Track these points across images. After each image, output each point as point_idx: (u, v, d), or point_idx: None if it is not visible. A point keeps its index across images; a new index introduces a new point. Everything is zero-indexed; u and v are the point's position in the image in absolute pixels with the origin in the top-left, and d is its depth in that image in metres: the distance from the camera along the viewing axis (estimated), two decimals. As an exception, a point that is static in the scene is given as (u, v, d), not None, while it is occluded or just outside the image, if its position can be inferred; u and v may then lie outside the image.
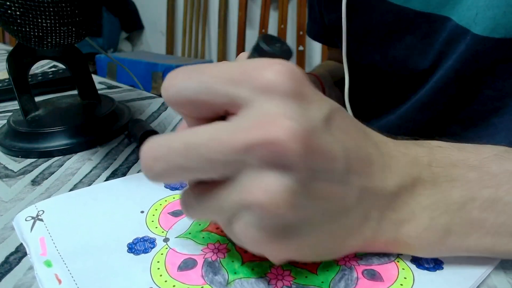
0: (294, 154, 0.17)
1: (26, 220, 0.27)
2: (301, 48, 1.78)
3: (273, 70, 0.18)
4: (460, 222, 0.22)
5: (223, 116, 0.19)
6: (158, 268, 0.23)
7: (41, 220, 0.27)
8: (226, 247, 0.25)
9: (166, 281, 0.23)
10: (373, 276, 0.23)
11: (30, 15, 0.32)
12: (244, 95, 0.18)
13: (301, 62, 1.76)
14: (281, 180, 0.17)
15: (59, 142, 0.39)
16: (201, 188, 0.20)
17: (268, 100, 0.18)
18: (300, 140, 0.17)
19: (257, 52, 0.20)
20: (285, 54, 0.20)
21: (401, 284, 0.22)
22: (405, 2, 0.39)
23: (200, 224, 0.27)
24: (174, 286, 0.22)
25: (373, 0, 0.41)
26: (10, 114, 0.45)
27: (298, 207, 0.18)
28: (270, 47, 0.20)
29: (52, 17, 0.32)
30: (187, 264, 0.24)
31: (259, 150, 0.17)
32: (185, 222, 0.27)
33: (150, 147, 0.19)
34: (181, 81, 0.19)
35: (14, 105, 0.52)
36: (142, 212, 0.28)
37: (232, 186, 0.18)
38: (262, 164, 0.17)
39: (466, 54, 0.36)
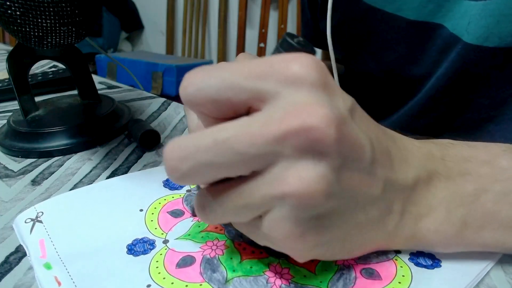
0: (330, 139, 0.17)
1: (25, 222, 0.27)
2: (301, 48, 1.78)
3: (299, 62, 0.18)
4: (475, 214, 0.23)
5: (244, 115, 0.19)
6: (157, 267, 0.24)
7: (41, 222, 0.27)
8: (224, 244, 0.25)
9: (164, 278, 0.23)
10: (371, 274, 0.23)
11: (30, 15, 0.32)
12: (271, 88, 0.18)
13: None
14: (317, 168, 0.17)
15: (59, 142, 0.39)
16: (219, 188, 0.19)
17: (297, 90, 0.18)
18: (334, 126, 0.17)
19: (283, 47, 0.20)
20: (309, 48, 0.20)
21: (399, 282, 0.22)
22: (397, 11, 0.39)
23: (199, 226, 0.27)
24: (172, 283, 0.22)
25: (366, 9, 0.41)
26: (10, 114, 0.45)
27: (331, 196, 0.18)
28: (295, 41, 0.20)
29: (52, 17, 0.33)
30: (186, 261, 0.24)
31: (294, 138, 0.17)
32: (185, 224, 0.27)
33: (175, 147, 0.18)
34: (202, 79, 0.19)
35: (14, 105, 0.52)
36: (141, 210, 0.28)
37: (263, 180, 0.18)
38: (297, 153, 0.17)
39: (457, 62, 0.36)
